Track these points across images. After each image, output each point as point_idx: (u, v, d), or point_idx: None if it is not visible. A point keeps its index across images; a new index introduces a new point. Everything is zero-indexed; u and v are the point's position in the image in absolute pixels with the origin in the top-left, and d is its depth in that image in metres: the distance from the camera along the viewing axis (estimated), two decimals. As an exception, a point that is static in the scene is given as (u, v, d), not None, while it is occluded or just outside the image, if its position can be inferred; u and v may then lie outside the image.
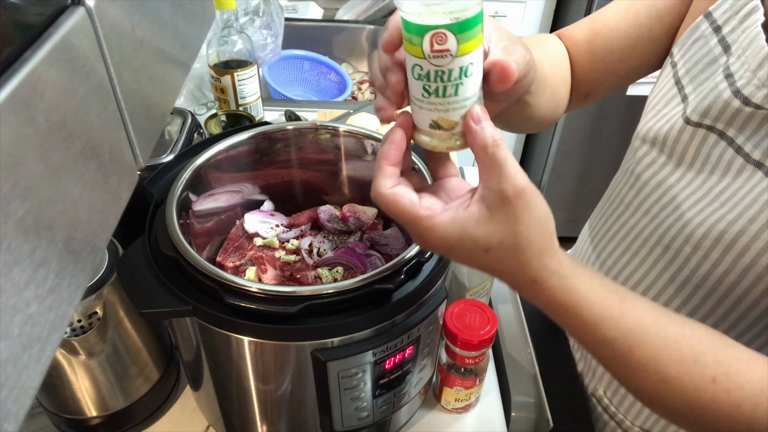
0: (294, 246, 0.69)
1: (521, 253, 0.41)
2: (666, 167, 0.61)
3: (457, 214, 0.40)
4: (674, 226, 0.58)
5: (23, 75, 0.24)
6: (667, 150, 0.60)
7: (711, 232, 0.54)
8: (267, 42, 1.24)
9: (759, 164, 0.51)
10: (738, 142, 0.53)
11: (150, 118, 0.39)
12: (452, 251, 0.42)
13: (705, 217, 0.55)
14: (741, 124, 0.53)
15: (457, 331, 0.64)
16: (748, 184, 0.52)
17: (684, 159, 0.58)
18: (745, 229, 0.51)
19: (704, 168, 0.57)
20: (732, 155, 0.54)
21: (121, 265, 0.55)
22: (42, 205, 0.25)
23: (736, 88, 0.53)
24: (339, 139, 0.71)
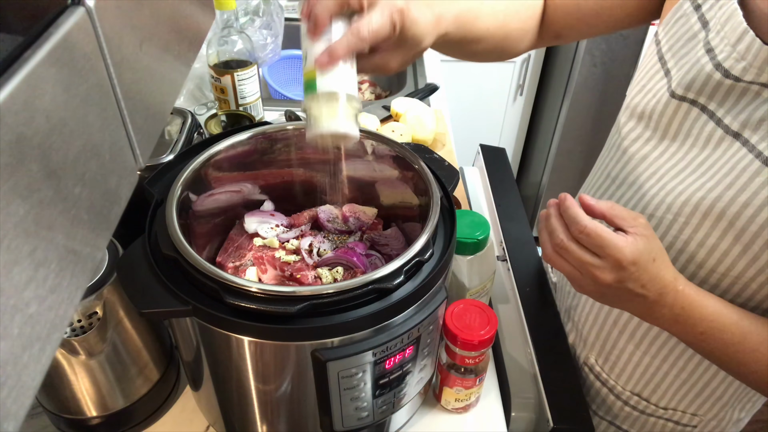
0: (294, 246, 0.69)
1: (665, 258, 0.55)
2: (651, 141, 0.65)
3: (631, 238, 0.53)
4: (657, 195, 0.63)
5: (23, 75, 0.24)
6: (653, 124, 0.64)
7: (691, 200, 0.59)
8: (267, 42, 1.24)
9: (737, 135, 0.56)
10: (718, 115, 0.57)
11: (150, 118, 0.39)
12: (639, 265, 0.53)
13: (686, 186, 0.60)
14: (722, 97, 0.57)
15: (457, 331, 0.64)
16: (726, 154, 0.57)
17: (668, 132, 0.63)
18: (722, 195, 0.56)
19: (686, 141, 0.61)
20: (712, 127, 0.58)
21: (121, 265, 0.55)
22: (42, 205, 0.25)
23: (717, 61, 0.56)
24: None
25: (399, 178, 0.69)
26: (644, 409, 0.75)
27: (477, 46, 0.70)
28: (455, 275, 0.73)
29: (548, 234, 0.56)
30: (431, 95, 1.29)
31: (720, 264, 0.59)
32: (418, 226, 0.64)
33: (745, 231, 0.56)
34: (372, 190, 0.74)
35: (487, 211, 1.03)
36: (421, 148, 0.71)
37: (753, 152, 0.54)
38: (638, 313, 0.58)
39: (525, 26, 0.74)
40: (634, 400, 0.75)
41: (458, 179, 0.68)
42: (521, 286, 0.86)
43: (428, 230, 0.55)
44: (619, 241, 0.52)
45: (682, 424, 0.74)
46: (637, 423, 0.76)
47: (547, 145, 2.12)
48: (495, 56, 0.75)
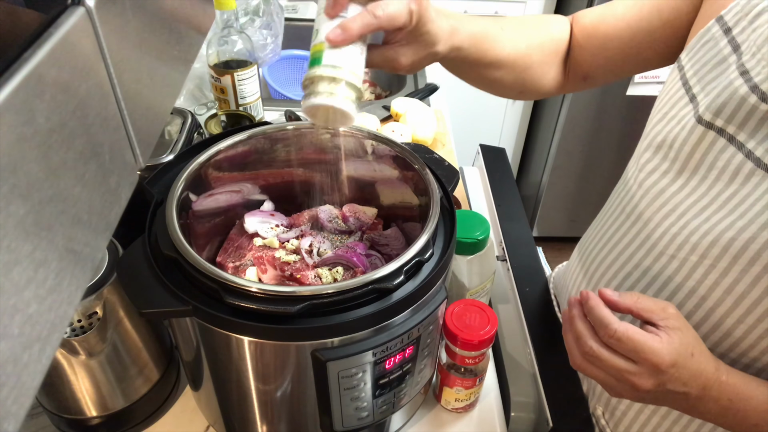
0: (294, 246, 0.69)
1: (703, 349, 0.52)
2: (669, 174, 0.60)
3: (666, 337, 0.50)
4: (679, 234, 0.57)
5: (23, 75, 0.24)
6: (673, 154, 0.59)
7: (719, 240, 0.53)
8: (267, 42, 1.24)
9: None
10: (748, 147, 0.52)
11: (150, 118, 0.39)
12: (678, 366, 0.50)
13: (712, 225, 0.54)
14: (755, 125, 0.52)
15: (457, 331, 0.64)
16: (758, 190, 0.51)
17: (689, 164, 0.58)
18: (756, 236, 0.51)
19: (709, 174, 0.56)
20: (741, 160, 0.53)
21: (121, 265, 0.55)
22: (42, 205, 0.25)
23: (753, 83, 0.52)
24: (339, 139, 0.70)
25: (399, 178, 0.69)
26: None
27: (496, 72, 0.68)
28: (455, 275, 0.73)
29: (575, 339, 0.53)
30: (431, 95, 1.29)
31: (749, 315, 0.53)
32: (418, 226, 0.64)
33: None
34: (372, 190, 0.74)
35: (487, 211, 1.03)
36: (421, 148, 0.71)
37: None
38: (682, 409, 0.55)
39: (548, 60, 0.72)
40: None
41: (458, 179, 0.68)
42: (521, 286, 0.86)
43: (428, 230, 0.55)
44: (654, 344, 0.49)
45: None
46: None
47: (547, 145, 2.12)
48: (518, 88, 0.72)
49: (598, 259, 0.70)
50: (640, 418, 0.67)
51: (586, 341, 0.51)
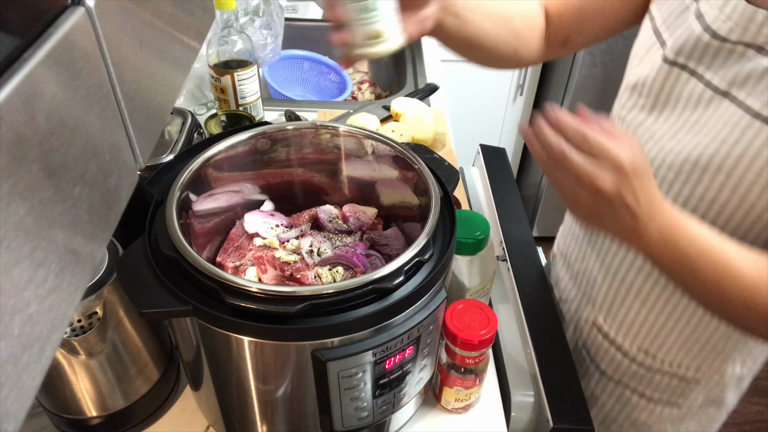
0: (294, 246, 0.69)
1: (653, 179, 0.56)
2: (645, 108, 0.69)
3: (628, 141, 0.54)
4: (657, 156, 0.67)
5: (23, 75, 0.24)
6: (646, 92, 0.69)
7: (689, 158, 0.63)
8: (267, 42, 1.24)
9: (725, 93, 0.60)
10: (706, 77, 0.62)
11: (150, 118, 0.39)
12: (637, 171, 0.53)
13: (683, 146, 0.64)
14: (710, 58, 0.61)
15: (457, 331, 0.64)
16: (717, 112, 0.61)
17: (660, 98, 0.67)
18: (718, 150, 0.60)
19: (677, 104, 0.65)
20: (702, 89, 0.62)
21: (121, 265, 0.55)
22: (42, 205, 0.25)
23: (706, 24, 0.61)
24: (339, 139, 0.71)
25: (399, 178, 0.69)
26: (650, 366, 0.78)
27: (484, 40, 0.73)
28: (455, 275, 0.73)
29: (544, 146, 0.54)
30: (431, 95, 1.29)
31: (719, 216, 0.62)
32: (418, 226, 0.64)
33: (741, 182, 0.59)
34: (372, 190, 0.74)
35: (487, 211, 1.03)
36: (421, 148, 0.71)
37: (742, 107, 0.58)
38: (626, 232, 0.56)
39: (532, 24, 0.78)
40: (641, 357, 0.78)
41: (458, 179, 0.68)
42: (521, 286, 0.86)
43: (428, 230, 0.55)
44: (617, 144, 0.52)
45: (686, 379, 0.77)
46: (643, 381, 0.80)
47: (547, 145, 2.12)
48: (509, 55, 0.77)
49: None
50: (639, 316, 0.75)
51: (558, 145, 0.53)
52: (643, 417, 0.83)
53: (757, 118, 0.57)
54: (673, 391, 0.79)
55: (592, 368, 0.85)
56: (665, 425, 0.83)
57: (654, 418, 0.82)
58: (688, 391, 0.79)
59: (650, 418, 0.82)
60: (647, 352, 0.77)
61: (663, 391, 0.80)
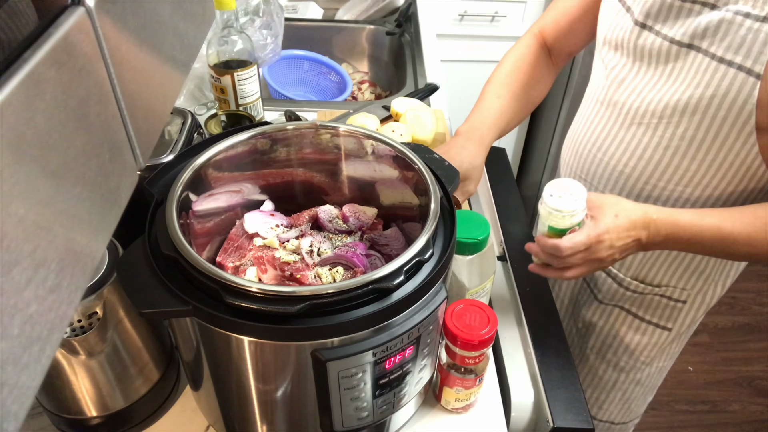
0: (294, 246, 0.69)
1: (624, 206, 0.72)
2: (626, 66, 0.81)
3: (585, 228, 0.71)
4: (641, 106, 0.79)
5: (23, 75, 0.24)
6: (625, 51, 0.80)
7: (669, 103, 0.74)
8: (267, 42, 1.24)
9: (690, 45, 0.71)
10: (670, 35, 0.73)
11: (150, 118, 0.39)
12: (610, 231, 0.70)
13: (663, 94, 0.75)
14: (673, 18, 0.72)
15: (457, 331, 0.64)
16: (687, 63, 0.72)
17: (636, 56, 0.78)
18: (693, 94, 0.71)
19: (651, 60, 0.76)
20: (668, 46, 0.73)
21: (121, 265, 0.55)
22: (42, 205, 0.25)
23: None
24: (339, 139, 0.71)
25: (399, 178, 0.69)
26: (642, 290, 0.92)
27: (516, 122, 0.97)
28: (455, 275, 0.73)
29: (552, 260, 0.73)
30: (431, 95, 1.29)
31: (699, 150, 0.75)
32: (418, 226, 0.64)
33: (715, 118, 0.71)
34: (372, 190, 0.74)
35: (487, 211, 1.03)
36: (421, 148, 0.71)
37: (707, 55, 0.69)
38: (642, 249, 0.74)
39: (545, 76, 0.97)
40: (634, 285, 0.92)
41: (458, 179, 0.68)
42: (521, 286, 0.86)
43: (428, 230, 0.55)
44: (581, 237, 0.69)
45: (674, 299, 0.92)
46: (636, 302, 0.94)
47: (547, 145, 2.12)
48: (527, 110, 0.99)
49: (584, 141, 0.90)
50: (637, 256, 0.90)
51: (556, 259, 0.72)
52: (636, 340, 0.97)
53: (722, 63, 0.68)
54: (662, 313, 0.93)
55: (591, 297, 0.99)
56: (655, 349, 0.97)
57: (645, 341, 0.96)
58: (676, 313, 0.93)
59: (642, 341, 0.97)
60: (639, 280, 0.91)
61: (654, 312, 0.94)
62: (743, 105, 0.68)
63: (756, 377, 1.95)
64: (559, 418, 0.70)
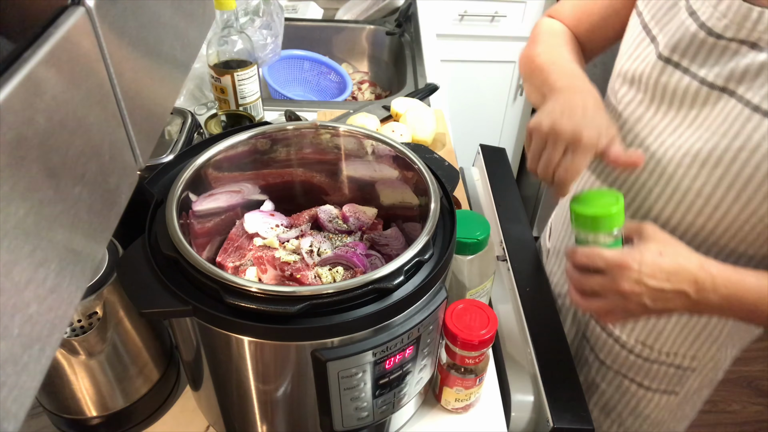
0: (294, 246, 0.69)
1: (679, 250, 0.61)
2: (644, 103, 0.71)
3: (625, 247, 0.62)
4: (658, 150, 0.68)
5: (23, 75, 0.24)
6: (644, 87, 0.70)
7: (690, 151, 0.65)
8: (267, 42, 1.24)
9: (723, 89, 0.62)
10: (701, 75, 0.63)
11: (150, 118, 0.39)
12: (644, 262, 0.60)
13: (684, 140, 0.66)
14: (705, 55, 0.63)
15: (457, 331, 0.64)
16: (717, 107, 0.63)
17: (657, 94, 0.69)
18: (718, 144, 0.62)
19: (675, 101, 0.67)
20: (697, 87, 0.64)
21: (121, 265, 0.55)
22: (42, 205, 0.25)
23: (701, 21, 0.62)
24: (339, 139, 0.71)
25: (399, 178, 0.69)
26: (648, 356, 0.81)
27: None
28: (455, 275, 0.73)
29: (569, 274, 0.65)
30: (431, 95, 1.29)
31: (716, 210, 0.65)
32: (418, 226, 0.64)
33: (739, 176, 0.61)
34: (372, 190, 0.74)
35: (487, 211, 1.03)
36: (421, 148, 0.71)
37: (741, 102, 0.60)
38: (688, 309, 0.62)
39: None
40: (638, 349, 0.81)
41: (458, 179, 0.68)
42: (521, 286, 0.86)
43: (428, 230, 0.55)
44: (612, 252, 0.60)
45: (683, 367, 0.81)
46: (641, 371, 0.83)
47: (547, 145, 2.11)
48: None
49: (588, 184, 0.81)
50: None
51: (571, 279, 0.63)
52: (642, 405, 0.86)
53: (757, 112, 0.59)
54: (670, 380, 0.82)
55: (592, 357, 0.88)
56: (663, 413, 0.87)
57: (652, 406, 0.86)
58: (685, 379, 0.82)
59: (648, 406, 0.86)
60: (645, 344, 0.80)
61: (661, 381, 0.83)
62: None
63: (756, 377, 1.95)
64: (559, 418, 0.70)
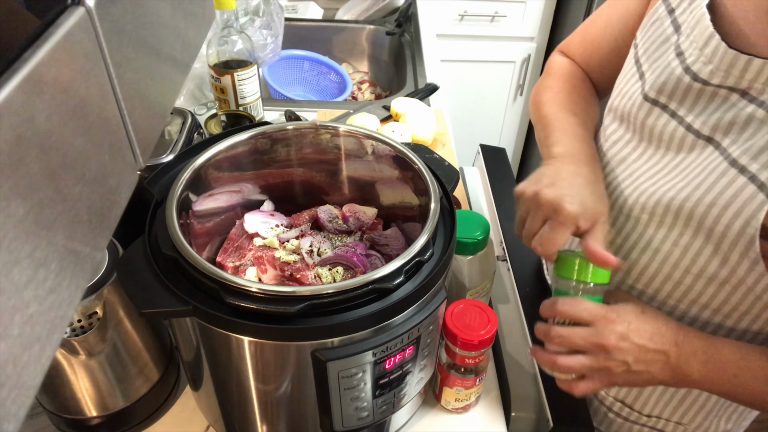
0: (294, 246, 0.69)
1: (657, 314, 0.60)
2: (630, 143, 0.67)
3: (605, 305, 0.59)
4: (631, 196, 0.64)
5: (24, 74, 0.24)
6: (631, 126, 0.66)
7: (662, 200, 0.60)
8: (267, 42, 1.24)
9: (709, 139, 0.57)
10: (687, 120, 0.59)
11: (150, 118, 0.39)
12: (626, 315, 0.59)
13: (658, 188, 0.61)
14: (692, 101, 0.58)
15: (457, 331, 0.64)
16: (699, 158, 0.58)
17: (643, 135, 0.65)
18: (690, 195, 0.57)
19: (660, 145, 0.62)
20: (683, 133, 0.59)
21: (121, 265, 0.55)
22: (42, 205, 0.25)
23: (686, 65, 0.58)
24: (339, 139, 0.71)
25: (399, 178, 0.69)
26: (627, 416, 0.75)
27: None
28: (455, 275, 0.73)
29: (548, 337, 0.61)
30: (431, 95, 1.29)
31: (693, 264, 0.60)
32: (418, 226, 0.64)
33: (713, 231, 0.56)
34: (372, 190, 0.74)
35: (487, 211, 1.03)
36: (421, 148, 0.71)
37: (723, 154, 0.55)
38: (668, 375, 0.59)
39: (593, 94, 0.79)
40: (617, 407, 0.75)
41: (458, 179, 0.68)
42: (521, 286, 0.86)
43: (428, 230, 0.55)
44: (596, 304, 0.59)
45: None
46: (621, 430, 0.77)
47: (547, 145, 2.11)
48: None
49: None
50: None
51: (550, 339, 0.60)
52: None
53: (734, 166, 0.54)
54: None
55: None
56: None
57: None
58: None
59: None
60: (624, 403, 0.74)
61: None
62: (744, 226, 0.53)
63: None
64: (559, 418, 0.70)
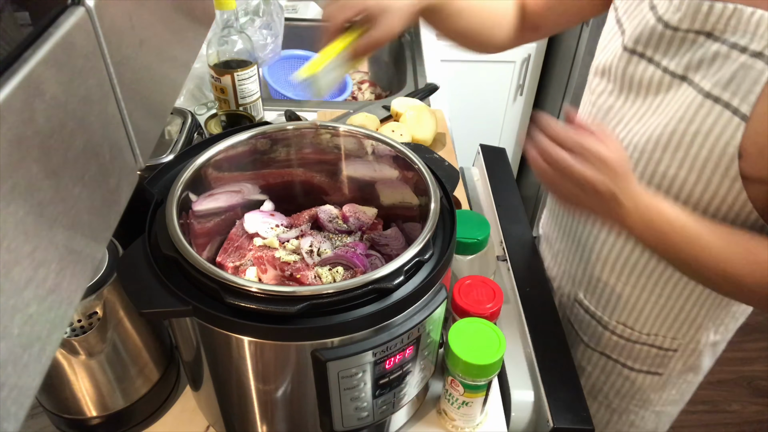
0: (294, 246, 0.69)
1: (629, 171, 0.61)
2: (614, 93, 0.74)
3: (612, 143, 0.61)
4: (625, 138, 0.71)
5: (23, 75, 0.24)
6: (613, 77, 0.74)
7: (652, 137, 0.67)
8: (267, 42, 1.24)
9: (683, 77, 0.65)
10: (663, 64, 0.67)
11: (150, 118, 0.39)
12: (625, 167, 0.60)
13: (647, 127, 0.69)
14: (665, 46, 0.66)
15: (465, 305, 0.65)
16: (677, 95, 0.65)
17: (625, 84, 0.72)
18: (676, 129, 0.65)
19: (641, 90, 0.70)
20: (660, 75, 0.67)
21: (121, 265, 0.55)
22: (42, 205, 0.25)
23: (658, 15, 0.66)
24: (339, 139, 0.71)
25: (399, 178, 0.69)
26: (629, 337, 0.84)
27: (459, 21, 0.79)
28: (455, 275, 0.73)
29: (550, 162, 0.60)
30: (431, 95, 1.29)
31: (681, 191, 0.67)
32: (418, 226, 0.64)
33: (697, 158, 0.64)
34: (372, 190, 0.74)
35: (487, 211, 1.03)
36: (421, 148, 0.71)
37: (696, 89, 0.63)
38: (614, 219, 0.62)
39: (505, 7, 0.84)
40: (620, 329, 0.84)
41: (458, 179, 0.68)
42: (521, 286, 0.86)
43: (428, 230, 0.55)
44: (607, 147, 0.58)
45: (664, 348, 0.83)
46: (624, 351, 0.86)
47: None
48: (481, 38, 0.84)
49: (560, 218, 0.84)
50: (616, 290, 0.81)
51: (563, 158, 0.59)
52: (627, 386, 0.89)
53: (708, 98, 0.61)
54: (653, 361, 0.85)
55: (578, 340, 0.91)
56: (647, 393, 0.89)
57: (637, 386, 0.89)
58: (667, 360, 0.85)
59: (633, 387, 0.89)
60: (625, 325, 0.83)
61: (643, 361, 0.86)
62: (725, 147, 0.61)
63: (756, 377, 1.95)
64: (559, 418, 0.70)
